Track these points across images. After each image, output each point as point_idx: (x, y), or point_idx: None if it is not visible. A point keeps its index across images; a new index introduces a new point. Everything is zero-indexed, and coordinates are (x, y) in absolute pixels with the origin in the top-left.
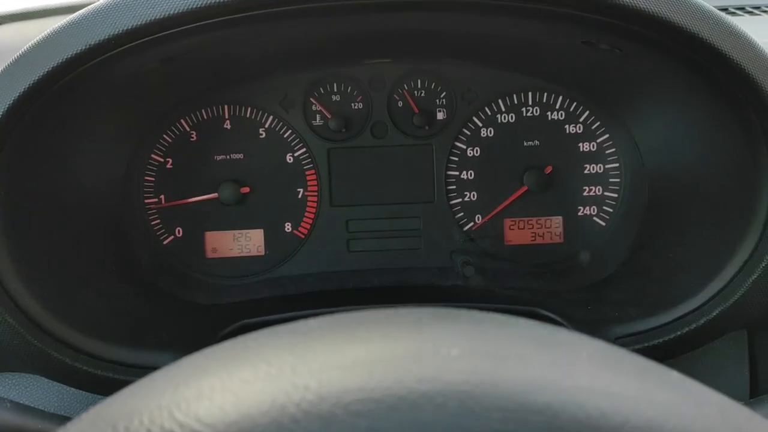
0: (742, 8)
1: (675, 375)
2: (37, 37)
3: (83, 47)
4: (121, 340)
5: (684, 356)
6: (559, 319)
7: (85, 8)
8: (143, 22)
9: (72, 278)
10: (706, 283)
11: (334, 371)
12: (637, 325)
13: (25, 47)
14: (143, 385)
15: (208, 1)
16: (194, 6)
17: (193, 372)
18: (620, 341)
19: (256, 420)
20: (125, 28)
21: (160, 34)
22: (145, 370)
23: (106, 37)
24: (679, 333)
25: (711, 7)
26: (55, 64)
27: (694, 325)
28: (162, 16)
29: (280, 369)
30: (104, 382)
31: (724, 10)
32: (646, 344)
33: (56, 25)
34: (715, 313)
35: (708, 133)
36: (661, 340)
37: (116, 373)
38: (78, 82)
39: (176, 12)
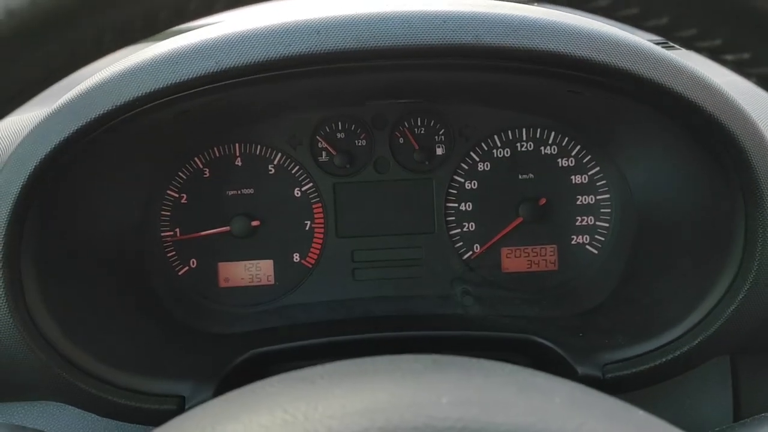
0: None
1: (641, 414)
2: (66, 96)
3: (110, 107)
4: (141, 369)
5: (670, 381)
6: (553, 346)
7: (110, 69)
8: (165, 85)
9: (96, 313)
10: (688, 313)
11: (341, 418)
12: (625, 352)
13: (55, 105)
14: (174, 427)
15: (223, 67)
16: (210, 71)
17: (218, 418)
18: (609, 367)
19: None
20: (148, 90)
21: (179, 95)
22: (162, 397)
23: (131, 98)
24: (664, 360)
25: (681, 62)
26: (82, 124)
27: (678, 352)
28: (181, 80)
29: (294, 416)
30: (126, 410)
31: (664, 44)
32: (633, 370)
33: (85, 84)
34: (697, 341)
35: (689, 173)
36: (647, 366)
37: (137, 402)
38: (103, 135)
39: (194, 76)
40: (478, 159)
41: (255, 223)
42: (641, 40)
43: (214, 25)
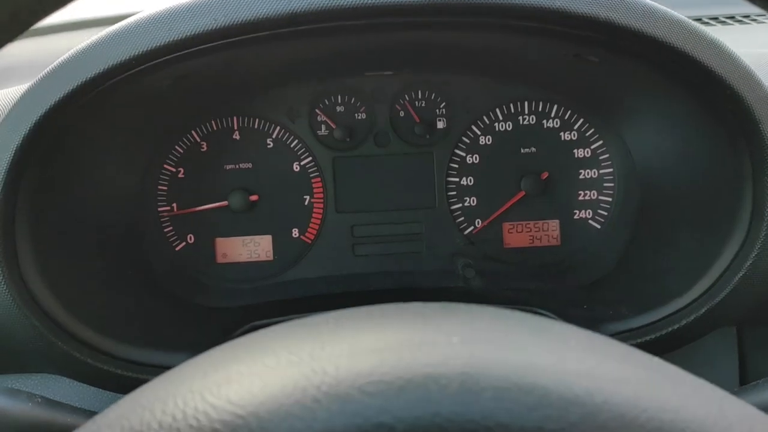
0: (715, 18)
1: (655, 360)
2: (61, 58)
3: (104, 68)
4: (137, 340)
5: (677, 351)
6: (557, 318)
7: (105, 31)
8: (160, 44)
9: (92, 283)
10: (694, 283)
11: (350, 357)
12: (630, 323)
13: (49, 67)
14: (175, 373)
15: (217, 25)
16: (205, 29)
17: (220, 360)
18: (614, 338)
19: (281, 401)
20: (143, 50)
21: (174, 55)
22: (160, 369)
23: (126, 58)
24: (669, 329)
25: (689, 21)
26: (77, 84)
27: (684, 322)
28: (177, 39)
29: (300, 356)
30: (123, 381)
31: (698, 20)
32: (638, 340)
33: (79, 46)
34: (703, 311)
35: (694, 141)
36: (652, 337)
37: (133, 372)
38: (97, 99)
39: (190, 35)
40: (479, 133)
41: (253, 198)
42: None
43: None
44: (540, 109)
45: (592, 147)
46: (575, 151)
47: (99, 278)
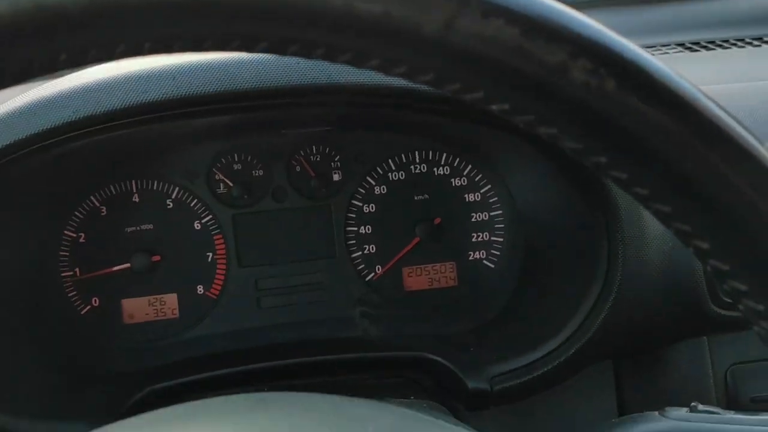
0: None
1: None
2: None
3: None
4: (35, 414)
5: (558, 387)
6: (444, 362)
7: None
8: (22, 137)
9: None
10: (565, 324)
11: None
12: (510, 364)
13: None
14: None
15: (78, 116)
16: (68, 120)
17: None
18: (496, 379)
19: None
20: (4, 144)
21: (37, 146)
22: None
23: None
24: (545, 369)
25: None
26: None
27: (557, 361)
28: (39, 131)
29: None
30: None
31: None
32: (519, 380)
33: None
34: (573, 350)
35: (560, 194)
36: (532, 376)
37: None
38: None
39: (51, 127)
40: (374, 183)
41: (156, 258)
42: None
43: (75, 74)
44: (430, 158)
45: (482, 191)
46: (466, 195)
47: None
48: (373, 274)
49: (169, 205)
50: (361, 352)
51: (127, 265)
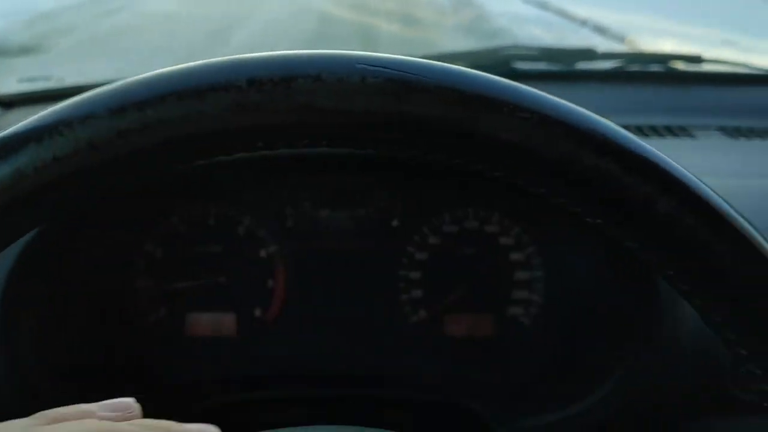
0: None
1: None
2: None
3: None
4: None
5: None
6: (476, 408)
7: None
8: None
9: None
10: (591, 392)
11: None
12: (538, 420)
13: None
14: None
15: None
16: None
17: None
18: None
19: None
20: None
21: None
22: None
23: None
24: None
25: None
26: None
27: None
28: None
29: None
30: None
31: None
32: None
33: None
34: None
35: (605, 265)
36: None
37: None
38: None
39: None
40: (429, 233)
41: (221, 278)
42: None
43: None
44: (482, 215)
45: (527, 252)
46: (511, 254)
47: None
48: (416, 317)
49: (240, 231)
50: (400, 390)
51: (195, 282)
